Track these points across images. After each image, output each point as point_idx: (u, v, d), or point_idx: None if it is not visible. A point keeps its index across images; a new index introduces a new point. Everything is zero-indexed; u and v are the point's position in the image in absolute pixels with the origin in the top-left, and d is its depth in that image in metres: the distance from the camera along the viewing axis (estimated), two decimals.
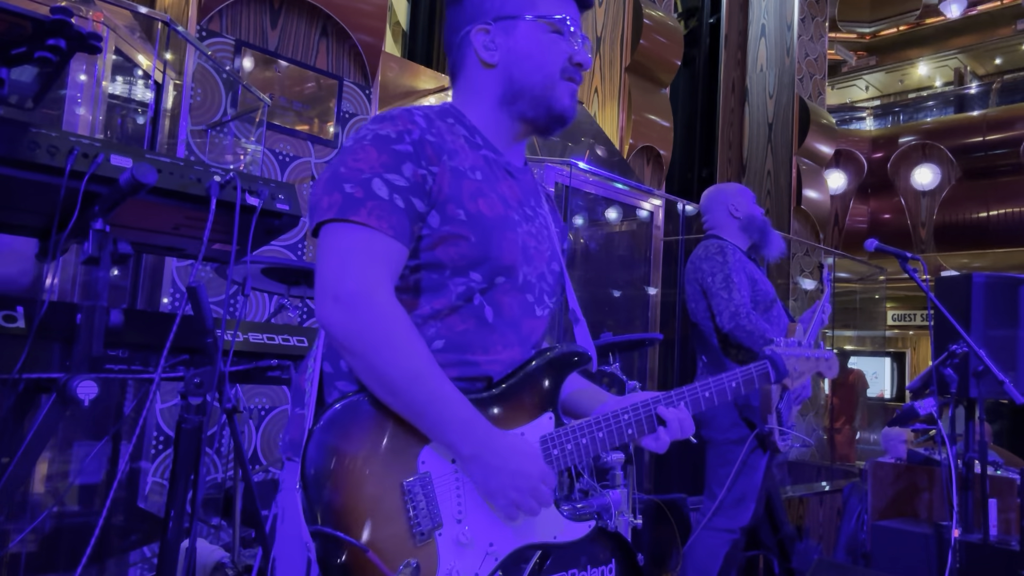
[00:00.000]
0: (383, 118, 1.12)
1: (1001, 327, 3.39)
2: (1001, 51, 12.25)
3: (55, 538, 2.66)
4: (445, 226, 1.09)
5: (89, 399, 1.27)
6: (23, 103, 1.22)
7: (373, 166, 1.06)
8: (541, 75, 1.19)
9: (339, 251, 1.04)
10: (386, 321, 1.02)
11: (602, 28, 5.73)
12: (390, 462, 1.04)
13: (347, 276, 1.02)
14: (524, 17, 1.18)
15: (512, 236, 1.15)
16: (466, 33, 1.20)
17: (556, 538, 1.19)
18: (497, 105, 1.21)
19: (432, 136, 1.11)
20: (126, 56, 3.07)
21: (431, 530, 1.04)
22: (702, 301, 2.96)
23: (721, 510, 2.88)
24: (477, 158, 1.17)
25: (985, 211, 9.45)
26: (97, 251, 1.29)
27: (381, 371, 1.01)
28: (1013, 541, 3.13)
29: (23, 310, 1.32)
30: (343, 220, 1.04)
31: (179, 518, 1.32)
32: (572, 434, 1.17)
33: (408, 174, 1.07)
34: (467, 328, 1.12)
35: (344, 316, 1.01)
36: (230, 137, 3.49)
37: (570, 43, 1.21)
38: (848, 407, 8.26)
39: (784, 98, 7.32)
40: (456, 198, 1.10)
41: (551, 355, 1.19)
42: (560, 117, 1.22)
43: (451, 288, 1.11)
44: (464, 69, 1.23)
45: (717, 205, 3.09)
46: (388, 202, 1.05)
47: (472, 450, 1.05)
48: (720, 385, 1.33)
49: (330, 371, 1.11)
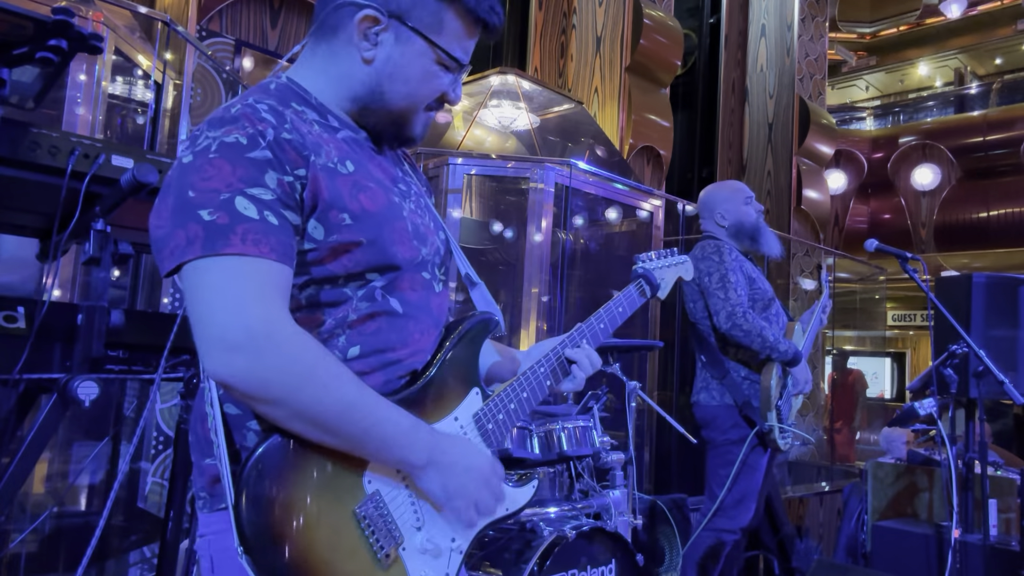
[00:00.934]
0: (223, 120, 0.95)
1: (1001, 327, 3.39)
2: (1001, 51, 12.25)
3: (55, 538, 2.66)
4: (332, 236, 0.97)
5: (89, 399, 1.27)
6: (24, 103, 1.22)
7: (230, 182, 0.90)
8: (407, 102, 1.08)
9: (218, 291, 0.88)
10: (298, 357, 0.89)
11: (602, 28, 5.73)
12: (335, 495, 0.94)
13: (237, 318, 0.87)
14: (422, 37, 1.05)
15: (401, 225, 1.05)
16: (356, 7, 1.03)
17: (508, 509, 1.14)
18: (350, 98, 1.08)
19: (288, 133, 0.95)
20: (126, 56, 3.07)
21: (394, 547, 0.97)
22: (699, 301, 2.97)
23: (721, 511, 2.88)
24: (340, 145, 1.03)
25: (985, 211, 9.45)
26: (98, 251, 1.29)
27: (308, 413, 0.89)
28: (1013, 541, 3.13)
29: (23, 310, 1.32)
30: (212, 255, 0.88)
31: (179, 518, 1.32)
32: (501, 403, 1.14)
33: (273, 184, 0.92)
34: (379, 327, 1.03)
35: (247, 364, 0.86)
36: None
37: (448, 83, 1.10)
38: (848, 407, 8.26)
39: (784, 98, 7.32)
40: (337, 202, 0.97)
41: (462, 329, 1.14)
42: (409, 142, 1.14)
43: (349, 294, 1.01)
44: (335, 40, 1.06)
45: (706, 211, 3.11)
46: (260, 221, 0.90)
47: (423, 459, 0.98)
48: (609, 312, 1.38)
49: (236, 413, 0.98)
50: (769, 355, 2.82)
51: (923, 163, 10.11)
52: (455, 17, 1.06)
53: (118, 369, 1.44)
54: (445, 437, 1.03)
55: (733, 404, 2.89)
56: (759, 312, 2.94)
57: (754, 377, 2.89)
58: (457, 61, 1.08)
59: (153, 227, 0.93)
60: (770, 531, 3.60)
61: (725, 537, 2.90)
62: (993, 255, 9.44)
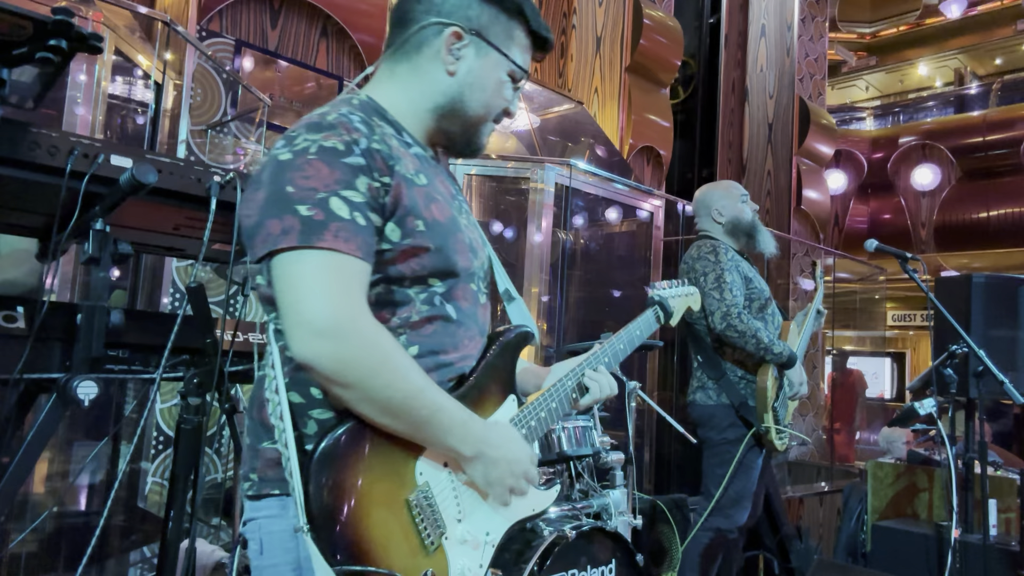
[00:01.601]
0: (321, 126, 1.04)
1: (1001, 327, 3.39)
2: (1001, 51, 12.25)
3: (55, 538, 2.66)
4: (407, 239, 1.07)
5: (89, 399, 1.27)
6: (23, 103, 1.22)
7: (327, 184, 0.99)
8: (484, 110, 1.21)
9: (310, 280, 0.97)
10: (376, 346, 0.99)
11: (602, 28, 5.73)
12: (391, 483, 1.03)
13: (324, 306, 0.96)
14: (498, 51, 1.19)
15: (461, 236, 1.16)
16: (442, 25, 1.16)
17: (534, 509, 1.24)
18: (431, 110, 1.19)
19: (378, 144, 1.06)
20: (126, 56, 3.07)
21: (439, 536, 1.07)
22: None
23: (719, 510, 2.88)
24: (413, 159, 1.13)
25: (985, 211, 9.45)
26: (97, 251, 1.29)
27: (380, 397, 0.99)
28: (1013, 541, 3.13)
29: (23, 310, 1.32)
30: (306, 248, 0.97)
31: (179, 518, 1.32)
32: (533, 411, 1.24)
33: (363, 189, 1.02)
34: (436, 330, 1.12)
35: (330, 349, 0.96)
36: (230, 137, 3.49)
37: (511, 94, 1.23)
38: (848, 407, 8.26)
39: (784, 98, 7.32)
40: (414, 209, 1.07)
41: (504, 340, 1.24)
42: (475, 151, 1.26)
43: (413, 297, 1.10)
44: (419, 57, 1.17)
45: (702, 209, 3.11)
46: (351, 222, 1.00)
47: (474, 450, 1.08)
48: (629, 334, 1.50)
49: (300, 401, 1.05)
50: (764, 357, 2.82)
51: (923, 163, 10.10)
52: (522, 34, 1.22)
53: (118, 369, 1.44)
54: (494, 429, 1.12)
55: (729, 404, 2.89)
56: (755, 312, 2.94)
57: (750, 377, 2.89)
58: (523, 71, 1.22)
59: (243, 217, 1.04)
60: (770, 531, 3.60)
61: (723, 536, 2.90)
62: (993, 255, 9.44)
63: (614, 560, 2.33)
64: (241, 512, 1.13)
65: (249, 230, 1.02)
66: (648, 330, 1.56)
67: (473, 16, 1.17)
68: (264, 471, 1.08)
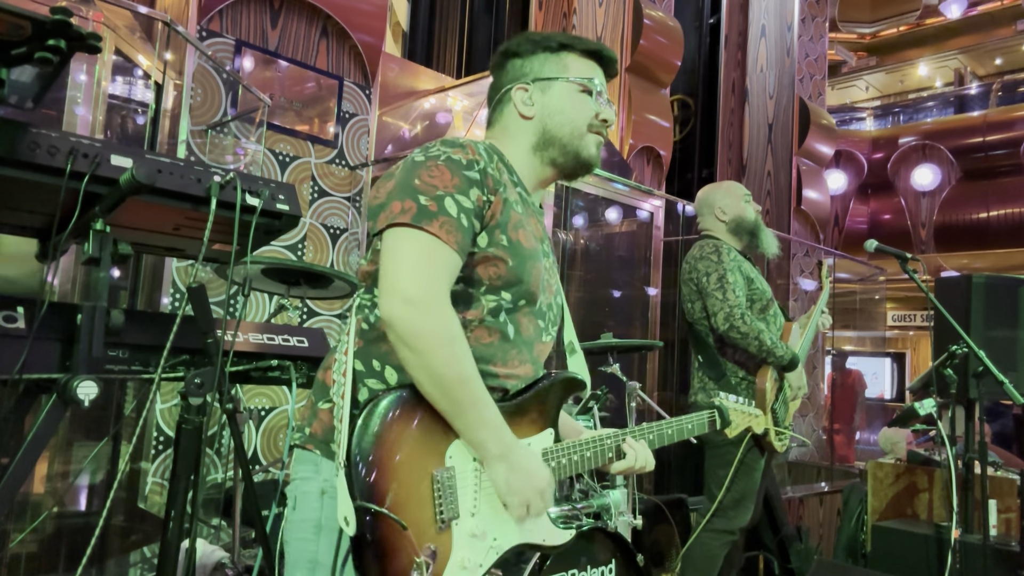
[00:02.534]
0: (454, 144, 1.25)
1: (1001, 327, 3.39)
2: (1001, 51, 12.25)
3: (55, 538, 2.66)
4: (490, 248, 1.23)
5: (89, 399, 1.27)
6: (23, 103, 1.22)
7: (447, 185, 1.18)
8: (571, 127, 1.37)
9: (412, 255, 1.14)
10: (447, 326, 1.13)
11: (602, 28, 5.73)
12: (423, 453, 1.14)
13: (417, 280, 1.12)
14: (559, 79, 1.37)
15: (538, 267, 1.30)
16: (507, 90, 1.39)
17: (544, 541, 1.30)
18: (530, 150, 1.38)
19: (492, 169, 1.25)
20: (126, 56, 3.07)
21: (450, 519, 1.14)
22: (698, 301, 2.95)
23: (720, 511, 2.88)
24: (516, 194, 1.32)
25: (985, 211, 9.45)
26: (97, 251, 1.28)
27: (436, 370, 1.11)
28: (1013, 541, 3.13)
29: (23, 310, 1.32)
30: (417, 227, 1.14)
31: (179, 518, 1.32)
32: (567, 450, 1.33)
33: (473, 198, 1.20)
34: (492, 341, 1.25)
35: (412, 316, 1.11)
36: (230, 137, 3.49)
37: (597, 103, 1.39)
38: (848, 408, 8.26)
39: (784, 98, 7.32)
40: (503, 225, 1.24)
41: (559, 377, 1.34)
42: (587, 163, 1.40)
43: (483, 303, 1.24)
44: (503, 119, 1.40)
45: (706, 207, 3.10)
46: (456, 220, 1.17)
47: (500, 450, 1.17)
48: (680, 425, 1.60)
49: (360, 369, 1.20)
50: (766, 358, 2.81)
51: (923, 163, 10.10)
52: (576, 56, 1.40)
53: (118, 369, 1.44)
54: (522, 445, 1.22)
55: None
56: (757, 313, 2.94)
57: (751, 379, 2.89)
58: (590, 80, 1.38)
59: (372, 200, 1.25)
60: (770, 531, 3.60)
61: (724, 537, 2.90)
62: (993, 255, 9.44)
63: (614, 560, 2.33)
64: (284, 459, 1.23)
65: (375, 209, 1.22)
66: (700, 429, 1.66)
67: (528, 71, 1.39)
68: (315, 428, 1.22)
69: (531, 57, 1.39)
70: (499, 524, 1.21)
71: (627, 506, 2.62)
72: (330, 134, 3.86)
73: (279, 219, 1.47)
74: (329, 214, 3.82)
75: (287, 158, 3.68)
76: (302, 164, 3.73)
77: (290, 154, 3.69)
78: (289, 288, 2.60)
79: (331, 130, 3.87)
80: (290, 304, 2.66)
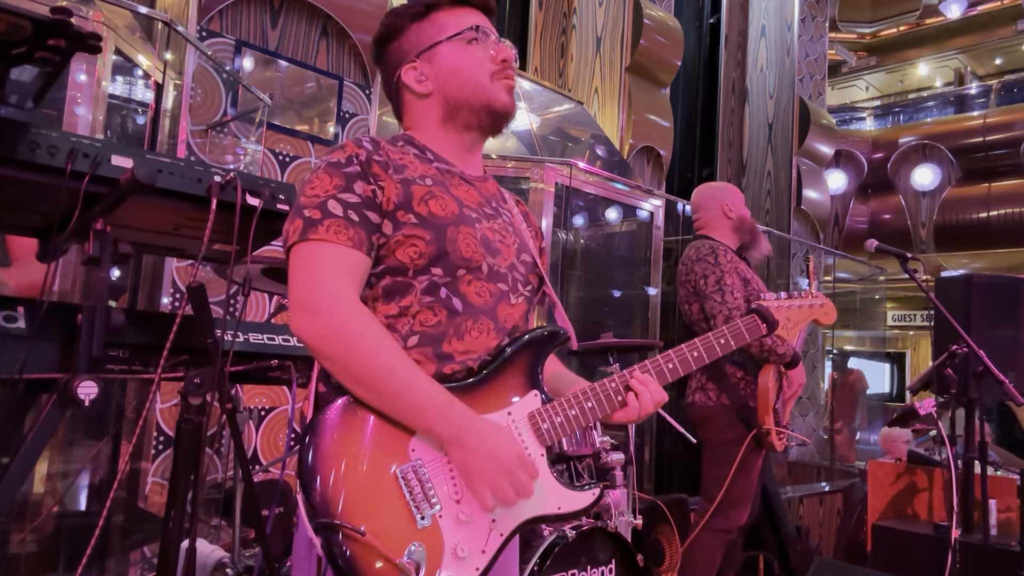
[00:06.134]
0: (332, 149, 1.22)
1: (1001, 327, 3.39)
2: (1001, 51, 12.25)
3: (55, 538, 2.66)
4: (399, 231, 1.18)
5: (89, 399, 1.27)
6: (23, 103, 1.22)
7: (327, 189, 1.16)
8: (471, 84, 1.29)
9: (304, 267, 1.12)
10: (352, 322, 1.09)
11: (602, 28, 5.73)
12: (381, 453, 1.09)
13: (312, 287, 1.10)
14: (440, 42, 1.29)
15: (466, 231, 1.22)
16: (398, 77, 1.32)
17: (560, 509, 1.20)
18: (441, 124, 1.32)
19: (379, 156, 1.20)
20: (126, 56, 3.07)
21: (431, 513, 1.09)
22: (695, 303, 2.95)
23: (718, 510, 2.88)
24: (428, 168, 1.26)
25: (985, 211, 9.45)
26: (97, 251, 1.28)
27: (354, 368, 1.09)
28: (1013, 541, 3.13)
29: (23, 310, 1.32)
30: (304, 240, 1.13)
31: (179, 518, 1.32)
32: (560, 407, 1.23)
33: (359, 191, 1.17)
34: (439, 320, 1.19)
35: (314, 323, 1.09)
36: (230, 137, 3.49)
37: (488, 47, 1.30)
38: (848, 407, 8.25)
39: (784, 98, 7.32)
40: (406, 205, 1.19)
41: (528, 336, 1.25)
42: (502, 112, 1.31)
43: (415, 286, 1.19)
44: (405, 106, 1.35)
45: (712, 203, 3.10)
46: (343, 218, 1.14)
47: (451, 432, 1.10)
48: (708, 343, 1.34)
49: (324, 391, 1.20)
50: (767, 357, 2.81)
51: (923, 163, 10.10)
52: (446, 13, 1.31)
53: (118, 369, 1.44)
54: (480, 421, 1.13)
55: (729, 405, 2.89)
56: None
57: (750, 378, 2.89)
58: (473, 28, 1.30)
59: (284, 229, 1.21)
60: (770, 531, 3.60)
61: (722, 537, 2.90)
62: (993, 255, 9.44)
63: (614, 560, 2.33)
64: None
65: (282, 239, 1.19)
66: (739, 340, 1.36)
67: (407, 49, 1.32)
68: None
69: (404, 33, 1.32)
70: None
71: (627, 506, 2.62)
72: (330, 134, 3.86)
73: (279, 219, 1.47)
74: None
75: (287, 158, 3.68)
76: (302, 164, 3.73)
77: (290, 154, 3.69)
78: None
79: (331, 130, 3.87)
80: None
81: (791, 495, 4.75)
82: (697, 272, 2.89)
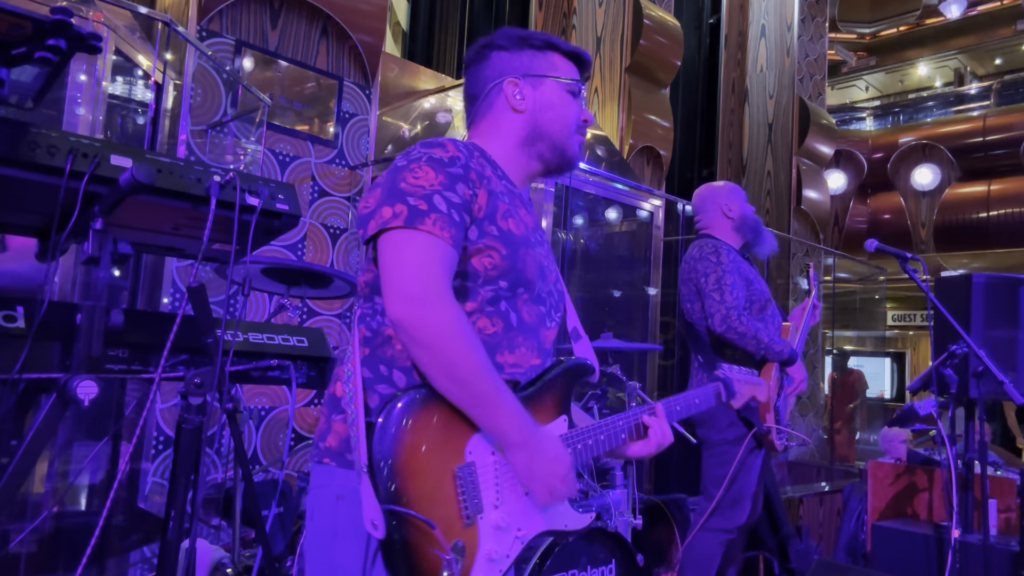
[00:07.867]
0: (433, 144, 1.27)
1: (1001, 327, 3.39)
2: (1001, 51, 12.25)
3: (55, 538, 2.66)
4: (481, 240, 1.24)
5: (89, 399, 1.27)
6: (23, 103, 1.22)
7: (432, 184, 1.20)
8: (561, 124, 1.39)
9: (410, 255, 1.15)
10: (454, 319, 1.14)
11: (602, 28, 5.73)
12: (443, 451, 1.15)
13: (419, 278, 1.13)
14: (550, 77, 1.40)
15: (532, 253, 1.31)
16: (498, 83, 1.39)
17: (567, 526, 1.29)
18: (519, 144, 1.39)
19: (475, 164, 1.27)
20: (126, 56, 3.07)
21: (475, 514, 1.15)
22: (696, 302, 2.95)
23: (718, 510, 2.87)
24: (503, 185, 1.34)
25: (985, 211, 9.45)
26: (97, 251, 1.28)
27: (450, 362, 1.12)
28: (1013, 541, 3.13)
29: (23, 310, 1.32)
30: (411, 228, 1.16)
31: (179, 518, 1.32)
32: (581, 436, 1.33)
33: (460, 193, 1.22)
34: (496, 330, 1.26)
35: (419, 313, 1.12)
36: (230, 137, 3.49)
37: (580, 104, 1.43)
38: (848, 407, 8.26)
39: (784, 98, 7.32)
40: (491, 217, 1.26)
41: (568, 364, 1.35)
42: (571, 162, 1.43)
43: (481, 294, 1.25)
44: (492, 113, 1.41)
45: (711, 204, 3.09)
46: (447, 216, 1.18)
47: (521, 437, 1.17)
48: (688, 400, 1.62)
49: (369, 376, 1.22)
50: (765, 356, 2.81)
51: (923, 163, 10.11)
52: (560, 57, 1.43)
53: (118, 369, 1.44)
54: (543, 431, 1.22)
55: (729, 404, 2.88)
56: (756, 313, 2.93)
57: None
58: (576, 81, 1.42)
59: (361, 208, 1.25)
60: (770, 531, 3.60)
61: (722, 537, 2.89)
62: (993, 255, 9.44)
63: (614, 560, 2.33)
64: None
65: (364, 217, 1.22)
66: (706, 403, 1.68)
67: (518, 66, 1.40)
68: (330, 442, 1.24)
69: (518, 52, 1.41)
70: (523, 514, 1.22)
71: (627, 506, 2.62)
72: (330, 134, 3.86)
73: (279, 219, 1.47)
74: (329, 214, 3.82)
75: (287, 158, 3.68)
76: (302, 164, 3.73)
77: (290, 154, 3.69)
78: (289, 288, 2.60)
79: (331, 130, 3.87)
80: (290, 304, 2.66)
81: (791, 495, 4.75)
82: (699, 271, 2.89)
